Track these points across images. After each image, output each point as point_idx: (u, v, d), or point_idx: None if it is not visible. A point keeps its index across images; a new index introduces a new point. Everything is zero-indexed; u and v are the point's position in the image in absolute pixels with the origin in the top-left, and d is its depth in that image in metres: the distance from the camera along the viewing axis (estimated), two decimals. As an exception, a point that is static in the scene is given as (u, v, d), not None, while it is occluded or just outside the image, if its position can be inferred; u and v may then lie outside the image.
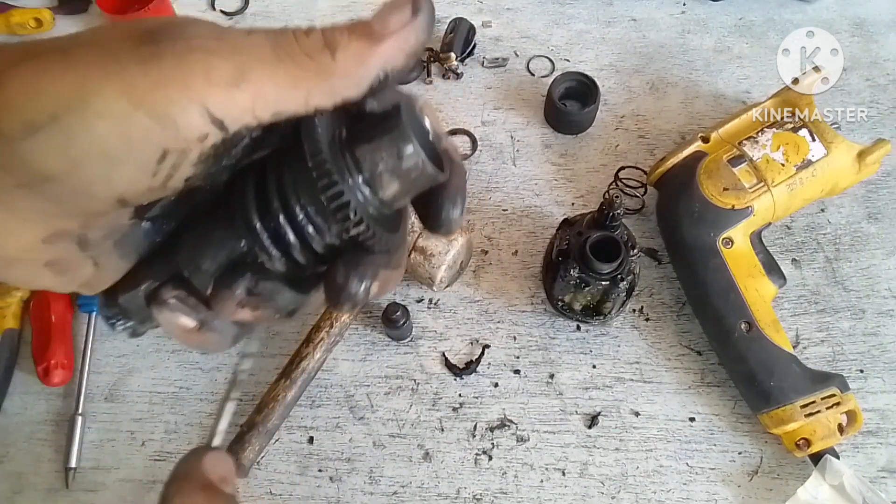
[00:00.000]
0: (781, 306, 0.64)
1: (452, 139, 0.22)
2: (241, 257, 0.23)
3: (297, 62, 0.21)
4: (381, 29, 0.22)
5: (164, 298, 0.24)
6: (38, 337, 0.62)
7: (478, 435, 0.59)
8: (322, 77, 0.22)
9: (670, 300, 0.65)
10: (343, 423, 0.60)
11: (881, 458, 0.58)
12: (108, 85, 0.20)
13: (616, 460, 0.58)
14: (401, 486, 0.57)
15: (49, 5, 0.84)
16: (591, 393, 0.61)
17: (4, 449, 0.59)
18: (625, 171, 0.70)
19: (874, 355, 0.62)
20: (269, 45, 0.21)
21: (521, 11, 0.83)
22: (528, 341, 0.63)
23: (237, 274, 0.23)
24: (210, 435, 0.25)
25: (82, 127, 0.20)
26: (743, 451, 0.58)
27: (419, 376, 0.62)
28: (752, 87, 0.77)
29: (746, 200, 0.59)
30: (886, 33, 0.80)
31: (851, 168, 0.62)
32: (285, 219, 0.22)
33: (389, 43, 0.22)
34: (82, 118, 0.20)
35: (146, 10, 0.76)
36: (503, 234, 0.68)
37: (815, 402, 0.55)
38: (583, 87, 0.73)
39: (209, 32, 0.21)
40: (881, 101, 0.75)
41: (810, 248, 0.67)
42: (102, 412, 0.60)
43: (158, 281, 0.24)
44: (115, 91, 0.20)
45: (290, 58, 0.21)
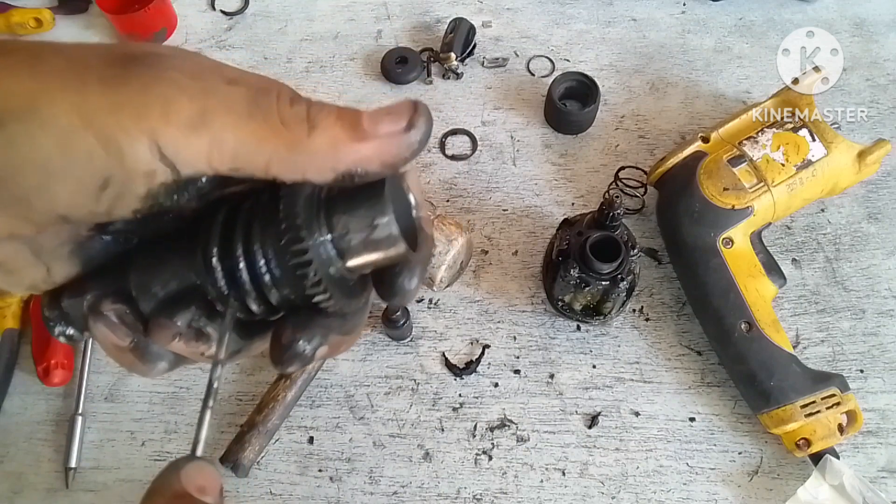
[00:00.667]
0: (781, 306, 0.64)
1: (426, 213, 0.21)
2: (191, 289, 0.23)
3: (269, 125, 0.20)
4: (370, 127, 0.21)
5: (102, 310, 0.23)
6: (38, 337, 0.62)
7: (478, 435, 0.59)
8: (289, 149, 0.21)
9: (670, 300, 0.65)
10: (343, 423, 0.60)
11: (881, 458, 0.58)
12: (63, 98, 0.19)
13: (616, 460, 0.58)
14: (401, 486, 0.57)
15: (49, 5, 0.84)
16: (591, 393, 0.61)
17: (4, 449, 0.59)
18: (625, 171, 0.70)
19: (874, 355, 0.62)
20: (247, 99, 0.20)
21: (521, 11, 0.83)
22: (528, 341, 0.63)
23: (182, 305, 0.22)
24: (193, 444, 0.24)
25: (25, 134, 0.19)
26: (743, 451, 0.58)
27: (419, 376, 0.62)
28: (752, 87, 0.77)
29: (746, 200, 0.59)
30: (886, 33, 0.80)
31: (851, 168, 0.62)
32: (245, 264, 0.22)
33: (371, 145, 0.21)
34: (28, 126, 0.19)
35: (146, 10, 0.77)
36: (503, 234, 0.68)
37: (816, 402, 0.55)
38: (583, 87, 0.73)
39: (189, 68, 0.20)
40: (881, 101, 0.75)
41: (810, 248, 0.67)
42: (102, 412, 0.60)
43: (103, 291, 0.24)
44: (68, 105, 0.19)
45: (263, 118, 0.20)
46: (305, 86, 0.78)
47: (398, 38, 0.82)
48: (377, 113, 0.21)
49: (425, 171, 0.72)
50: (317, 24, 0.83)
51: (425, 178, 0.72)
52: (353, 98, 0.77)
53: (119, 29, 0.80)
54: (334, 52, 0.81)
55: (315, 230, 0.21)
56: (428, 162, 0.73)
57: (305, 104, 0.21)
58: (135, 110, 0.19)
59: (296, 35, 0.82)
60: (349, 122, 0.21)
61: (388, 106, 0.22)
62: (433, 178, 0.72)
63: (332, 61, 0.80)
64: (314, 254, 0.21)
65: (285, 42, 0.82)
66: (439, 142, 0.74)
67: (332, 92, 0.78)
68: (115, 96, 0.19)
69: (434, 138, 0.74)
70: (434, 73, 0.78)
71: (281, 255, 0.21)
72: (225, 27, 0.83)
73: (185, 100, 0.19)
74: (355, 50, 0.81)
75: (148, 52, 0.20)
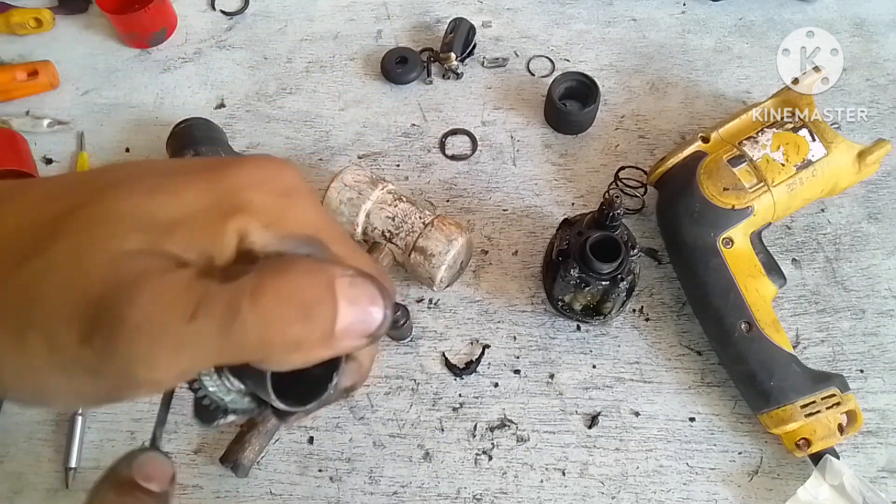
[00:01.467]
0: (781, 306, 0.64)
1: None
2: None
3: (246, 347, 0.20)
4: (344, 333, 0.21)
5: None
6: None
7: (478, 435, 0.59)
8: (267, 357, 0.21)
9: (670, 300, 0.65)
10: (343, 423, 0.60)
11: (881, 458, 0.58)
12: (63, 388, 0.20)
13: (616, 460, 0.58)
14: (401, 486, 0.57)
15: (49, 5, 0.84)
16: (591, 393, 0.61)
17: (4, 449, 0.59)
18: (625, 171, 0.70)
19: (874, 355, 0.62)
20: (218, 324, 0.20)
21: (521, 11, 0.83)
22: (528, 341, 0.63)
23: None
24: (153, 432, 0.28)
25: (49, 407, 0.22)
26: (743, 451, 0.58)
27: (419, 376, 0.62)
28: (752, 87, 0.77)
29: (746, 200, 0.59)
30: (886, 33, 0.80)
31: (851, 168, 0.62)
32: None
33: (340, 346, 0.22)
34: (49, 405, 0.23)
35: (146, 10, 0.77)
36: (503, 234, 0.68)
37: (816, 402, 0.55)
38: (583, 87, 0.73)
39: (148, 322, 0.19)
40: (881, 101, 0.75)
41: (810, 248, 0.67)
42: (102, 412, 0.60)
43: None
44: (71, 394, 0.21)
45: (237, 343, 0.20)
46: (305, 86, 0.78)
47: (398, 38, 0.82)
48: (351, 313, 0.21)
49: (425, 172, 0.72)
50: (317, 24, 0.83)
51: (425, 178, 0.72)
52: (352, 98, 0.77)
53: (119, 29, 0.80)
54: (334, 52, 0.81)
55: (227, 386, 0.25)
56: (428, 162, 0.73)
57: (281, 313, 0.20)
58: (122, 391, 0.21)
59: (296, 35, 0.82)
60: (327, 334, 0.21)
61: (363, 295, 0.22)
62: (433, 178, 0.72)
63: (332, 61, 0.80)
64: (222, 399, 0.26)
65: (285, 42, 0.82)
66: (439, 142, 0.74)
67: (332, 92, 0.78)
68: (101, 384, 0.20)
69: (434, 138, 0.74)
70: (434, 73, 0.78)
71: None
72: (225, 27, 0.83)
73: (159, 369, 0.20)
74: (355, 50, 0.81)
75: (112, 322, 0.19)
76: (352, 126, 0.76)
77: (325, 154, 0.74)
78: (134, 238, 0.20)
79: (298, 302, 0.20)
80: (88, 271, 0.19)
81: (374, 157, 0.73)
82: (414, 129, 0.75)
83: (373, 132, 0.75)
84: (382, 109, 0.77)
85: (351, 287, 0.21)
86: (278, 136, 0.75)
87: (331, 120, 0.76)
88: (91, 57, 0.81)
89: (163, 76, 0.80)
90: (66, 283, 0.19)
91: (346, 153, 0.74)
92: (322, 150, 0.74)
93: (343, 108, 0.77)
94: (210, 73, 0.80)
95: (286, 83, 0.79)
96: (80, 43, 0.82)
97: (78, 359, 0.19)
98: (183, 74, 0.80)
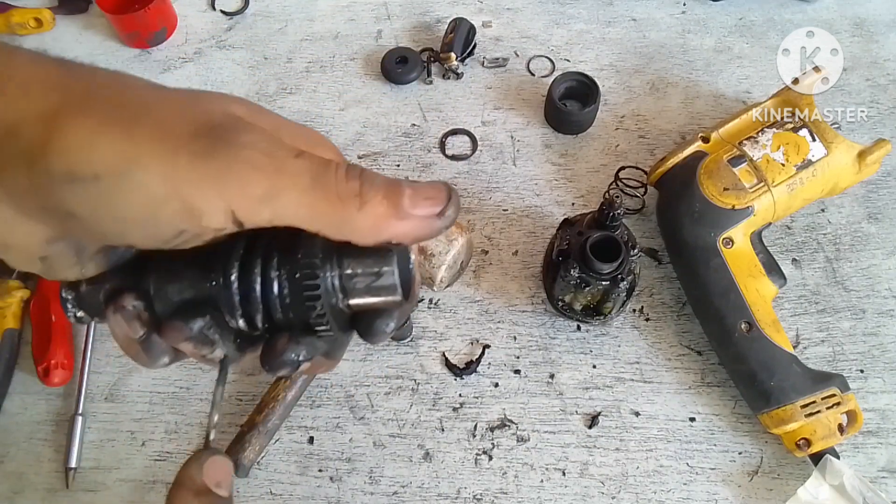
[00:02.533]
0: (782, 306, 0.64)
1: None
2: (204, 300, 0.25)
3: (327, 199, 0.23)
4: (409, 208, 0.24)
5: (122, 303, 0.26)
6: (38, 337, 0.62)
7: (478, 435, 0.59)
8: (341, 221, 0.24)
9: (670, 300, 0.65)
10: (343, 423, 0.60)
11: (881, 458, 0.58)
12: (156, 167, 0.22)
13: (616, 460, 0.58)
14: (401, 486, 0.57)
15: (49, 5, 0.84)
16: (591, 393, 0.61)
17: (4, 449, 0.59)
18: (625, 171, 0.70)
19: (874, 355, 0.62)
20: (311, 175, 0.23)
21: (522, 11, 0.83)
22: (528, 341, 0.63)
23: (196, 313, 0.25)
24: (206, 431, 0.28)
25: (119, 194, 0.22)
26: (743, 451, 0.58)
27: (419, 376, 0.62)
28: (752, 87, 0.77)
29: (747, 200, 0.59)
30: (886, 33, 0.80)
31: (852, 168, 0.62)
32: (260, 285, 0.25)
33: (408, 224, 0.24)
34: (121, 187, 0.22)
35: (146, 10, 0.77)
36: (503, 234, 0.68)
37: (816, 402, 0.55)
38: (583, 87, 0.73)
39: (263, 146, 0.23)
40: (881, 101, 0.75)
41: (810, 248, 0.67)
42: (102, 412, 0.60)
43: (122, 286, 0.26)
44: (160, 175, 0.22)
45: (322, 193, 0.23)
46: (305, 86, 0.78)
47: (398, 38, 0.82)
48: (416, 194, 0.25)
49: (425, 172, 0.72)
50: (317, 24, 0.83)
51: (425, 178, 0.72)
52: (353, 98, 0.77)
53: (119, 29, 0.80)
54: (334, 52, 0.81)
55: (328, 269, 0.25)
56: (428, 162, 0.73)
57: (359, 179, 0.24)
58: (217, 185, 0.22)
59: (296, 35, 0.82)
60: (393, 202, 0.24)
61: (426, 187, 0.25)
62: (433, 178, 0.72)
63: (332, 61, 0.80)
64: (324, 288, 0.25)
65: (285, 42, 0.82)
66: (439, 142, 0.74)
67: (332, 92, 0.78)
68: (202, 170, 0.22)
69: (434, 138, 0.74)
70: (434, 73, 0.78)
71: (295, 284, 0.25)
72: (225, 27, 0.83)
73: (260, 178, 0.23)
74: (355, 50, 0.81)
75: (229, 127, 0.23)
76: (352, 126, 0.76)
77: (325, 154, 0.74)
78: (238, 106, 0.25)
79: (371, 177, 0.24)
80: (209, 104, 0.24)
81: (374, 157, 0.73)
82: (414, 129, 0.75)
83: (373, 132, 0.75)
84: (382, 109, 0.77)
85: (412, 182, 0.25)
86: (278, 136, 0.75)
87: (331, 120, 0.76)
88: (91, 57, 0.81)
89: (163, 76, 0.80)
90: (187, 103, 0.24)
91: (346, 153, 0.74)
92: (322, 150, 0.74)
93: (343, 108, 0.77)
94: (210, 73, 0.80)
95: (286, 83, 0.79)
96: (80, 43, 0.82)
97: (187, 144, 0.22)
98: (183, 74, 0.80)
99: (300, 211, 0.23)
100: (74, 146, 0.21)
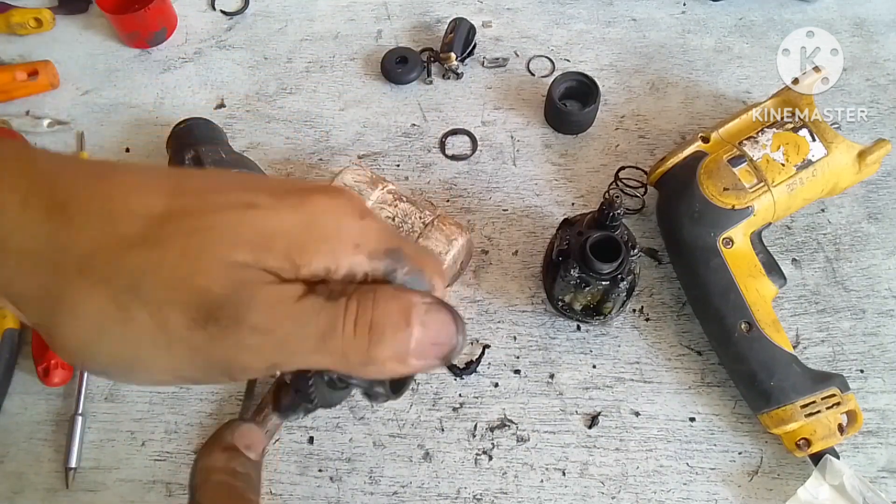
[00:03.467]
0: (781, 306, 0.64)
1: None
2: None
3: (332, 356, 0.24)
4: (416, 357, 0.24)
5: None
6: (38, 337, 0.62)
7: (478, 435, 0.59)
8: (345, 367, 0.24)
9: (670, 300, 0.65)
10: (343, 423, 0.60)
11: (881, 458, 0.58)
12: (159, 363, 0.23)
13: (616, 460, 0.58)
14: (401, 486, 0.57)
15: (49, 5, 0.84)
16: (591, 393, 0.61)
17: (4, 449, 0.59)
18: (625, 171, 0.70)
19: (874, 355, 0.62)
20: (317, 339, 0.23)
21: (521, 11, 0.83)
22: (528, 341, 0.63)
23: None
24: (242, 409, 0.34)
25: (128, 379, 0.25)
26: (743, 451, 0.58)
27: (419, 376, 0.62)
28: (752, 87, 0.77)
29: (747, 200, 0.59)
30: (886, 33, 0.80)
31: (852, 168, 0.62)
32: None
33: (415, 366, 0.25)
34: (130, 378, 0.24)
35: (146, 10, 0.77)
36: (503, 234, 0.68)
37: (816, 402, 0.55)
38: (583, 87, 0.73)
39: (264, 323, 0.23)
40: (881, 101, 0.75)
41: (810, 248, 0.67)
42: (102, 412, 0.60)
43: None
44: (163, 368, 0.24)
45: (328, 352, 0.23)
46: (305, 86, 0.78)
47: (398, 38, 0.82)
48: (424, 341, 0.24)
49: (425, 171, 0.72)
50: (317, 24, 0.83)
51: (425, 178, 0.72)
52: (353, 98, 0.77)
53: (119, 29, 0.80)
54: (334, 52, 0.81)
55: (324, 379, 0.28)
56: (428, 162, 0.73)
57: (367, 335, 0.24)
58: (220, 372, 0.24)
59: (296, 35, 0.82)
60: (400, 355, 0.24)
61: (434, 330, 0.25)
62: (433, 178, 0.72)
63: (332, 61, 0.80)
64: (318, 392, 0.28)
65: (285, 42, 0.82)
66: (439, 142, 0.74)
67: (332, 92, 0.78)
68: (204, 362, 0.23)
69: (434, 138, 0.74)
70: (434, 73, 0.78)
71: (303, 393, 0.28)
72: (225, 27, 0.83)
73: (265, 357, 0.23)
74: (355, 50, 0.81)
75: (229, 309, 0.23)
76: (352, 126, 0.76)
77: (325, 154, 0.74)
78: (241, 251, 0.23)
79: (380, 325, 0.24)
80: (206, 273, 0.22)
81: (374, 157, 0.73)
82: (414, 129, 0.75)
83: (373, 132, 0.75)
84: (382, 109, 0.77)
85: (427, 314, 0.24)
86: (278, 136, 0.75)
87: (331, 120, 0.76)
88: (91, 57, 0.81)
89: (163, 76, 0.80)
90: (183, 277, 0.22)
91: (346, 153, 0.74)
92: (322, 150, 0.74)
93: (343, 108, 0.77)
94: (210, 73, 0.80)
95: (286, 83, 0.79)
96: (80, 43, 0.82)
97: (186, 339, 0.22)
98: (183, 74, 0.80)
99: (305, 366, 0.25)
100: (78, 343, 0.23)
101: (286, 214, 0.24)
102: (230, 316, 0.22)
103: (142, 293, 0.22)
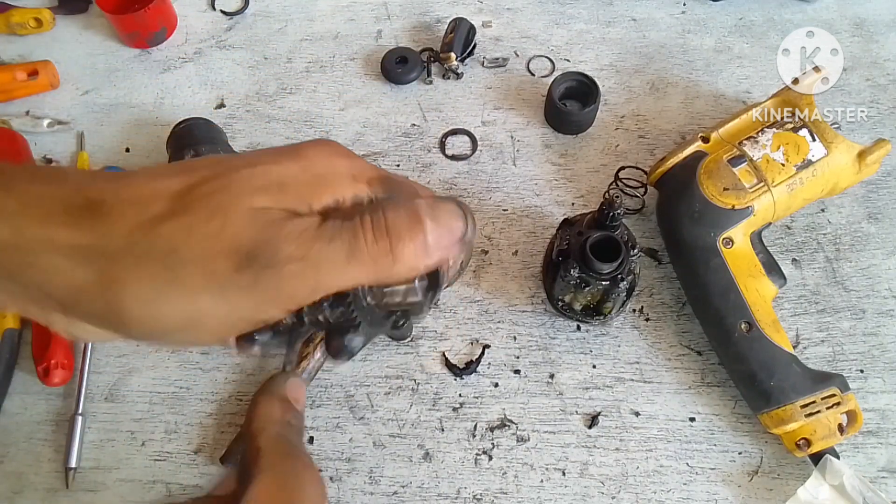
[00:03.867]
0: (781, 306, 0.64)
1: None
2: None
3: (363, 267, 0.26)
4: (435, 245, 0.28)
5: None
6: (38, 337, 0.62)
7: (478, 435, 0.59)
8: (378, 278, 0.27)
9: (670, 300, 0.65)
10: (343, 423, 0.60)
11: (881, 458, 0.58)
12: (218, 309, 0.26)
13: (616, 460, 0.58)
14: (401, 486, 0.57)
15: (49, 5, 0.84)
16: (591, 393, 0.61)
17: (4, 449, 0.59)
18: (625, 171, 0.70)
19: (874, 355, 0.62)
20: (345, 252, 0.26)
21: (521, 11, 0.83)
22: (528, 341, 0.63)
23: None
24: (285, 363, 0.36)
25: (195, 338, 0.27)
26: (743, 451, 0.58)
27: (419, 376, 0.62)
28: (752, 87, 0.77)
29: (746, 200, 0.59)
30: (886, 33, 0.80)
31: (852, 168, 0.62)
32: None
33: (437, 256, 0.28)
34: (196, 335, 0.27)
35: (146, 10, 0.77)
36: (503, 234, 0.68)
37: (816, 402, 0.55)
38: (583, 87, 0.73)
39: (297, 251, 0.25)
40: (881, 101, 0.75)
41: (810, 248, 0.67)
42: (102, 412, 0.60)
43: None
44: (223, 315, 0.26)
45: (358, 265, 0.26)
46: (305, 86, 0.78)
47: (398, 38, 0.82)
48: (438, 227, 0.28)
49: (425, 172, 0.72)
50: (317, 24, 0.83)
51: (425, 178, 0.72)
52: (353, 98, 0.77)
53: (119, 29, 0.80)
54: (334, 52, 0.81)
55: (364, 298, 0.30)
56: (428, 162, 0.73)
57: (386, 236, 0.26)
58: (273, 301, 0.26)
59: (296, 35, 0.82)
60: (421, 246, 0.27)
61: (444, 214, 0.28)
62: (433, 178, 0.72)
63: (332, 61, 0.80)
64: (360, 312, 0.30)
65: (285, 42, 0.82)
66: (439, 142, 0.74)
67: (332, 92, 0.78)
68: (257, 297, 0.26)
69: (434, 138, 0.74)
70: (434, 73, 0.78)
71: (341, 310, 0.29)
72: (225, 27, 0.83)
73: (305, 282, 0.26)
74: (355, 50, 0.81)
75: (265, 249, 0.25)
76: (352, 126, 0.76)
77: (325, 154, 0.74)
78: (259, 197, 0.26)
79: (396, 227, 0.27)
80: (234, 223, 0.25)
81: (374, 157, 0.73)
82: (414, 129, 0.75)
83: (373, 132, 0.75)
84: (382, 109, 0.77)
85: (433, 208, 0.28)
86: (278, 136, 0.75)
87: (331, 120, 0.76)
88: (91, 57, 0.81)
89: (163, 76, 0.80)
90: (216, 232, 0.25)
91: (346, 153, 0.74)
92: (322, 150, 0.74)
93: (343, 108, 0.77)
94: (210, 73, 0.80)
95: (286, 83, 0.79)
96: (80, 43, 0.82)
97: (235, 282, 0.25)
98: (183, 74, 0.80)
99: (343, 283, 0.27)
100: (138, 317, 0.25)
101: (288, 164, 0.28)
102: (266, 253, 0.25)
103: (184, 254, 0.25)
